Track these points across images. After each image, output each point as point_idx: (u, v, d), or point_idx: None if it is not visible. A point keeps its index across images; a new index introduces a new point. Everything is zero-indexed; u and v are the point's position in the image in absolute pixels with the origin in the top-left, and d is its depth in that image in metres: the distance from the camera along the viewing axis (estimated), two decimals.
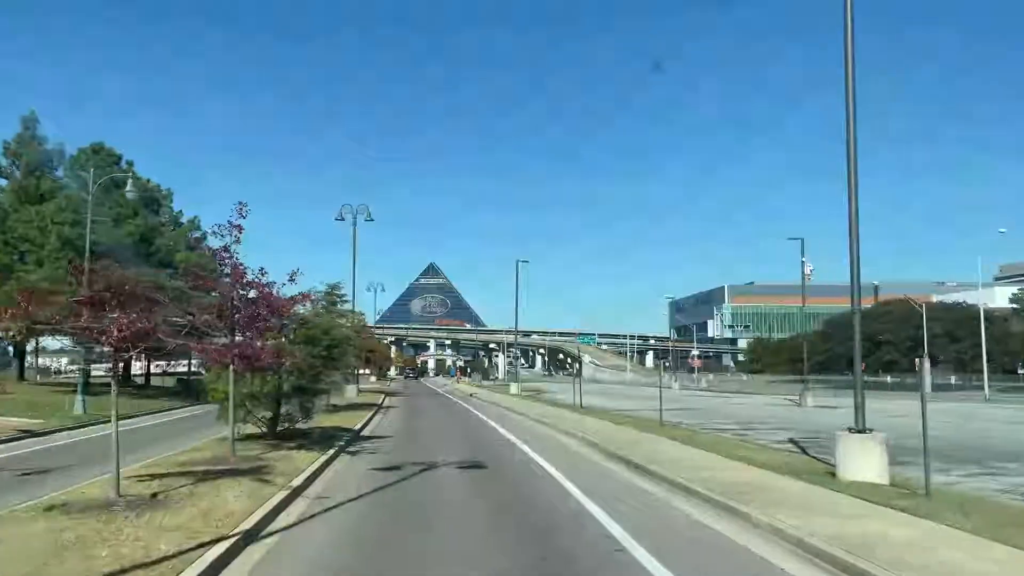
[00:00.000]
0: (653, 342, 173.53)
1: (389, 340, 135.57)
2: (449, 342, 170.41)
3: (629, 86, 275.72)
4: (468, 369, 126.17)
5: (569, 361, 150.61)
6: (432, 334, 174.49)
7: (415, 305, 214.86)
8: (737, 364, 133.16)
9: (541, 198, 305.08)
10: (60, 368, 73.26)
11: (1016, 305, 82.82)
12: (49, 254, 33.17)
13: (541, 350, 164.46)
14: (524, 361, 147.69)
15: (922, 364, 8.98)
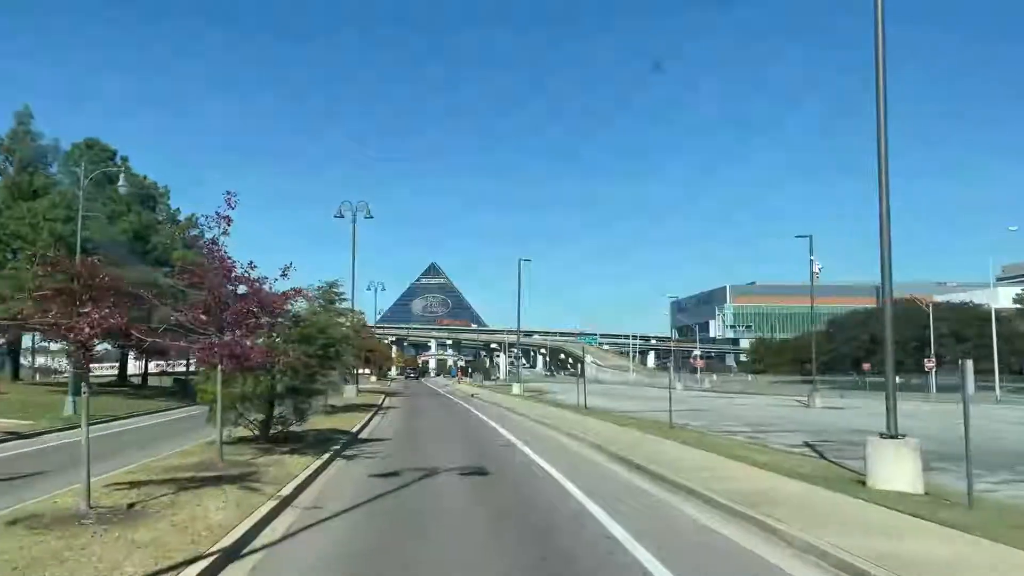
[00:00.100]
0: (654, 342, 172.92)
1: (390, 340, 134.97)
2: (450, 342, 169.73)
3: (629, 86, 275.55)
4: (469, 369, 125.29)
5: (571, 361, 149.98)
6: (433, 334, 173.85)
7: (416, 305, 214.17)
8: (739, 364, 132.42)
9: (541, 198, 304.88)
10: (59, 368, 72.50)
11: (1020, 305, 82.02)
12: (41, 251, 32.45)
13: (542, 350, 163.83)
14: (525, 361, 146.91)
15: (963, 366, 8.25)
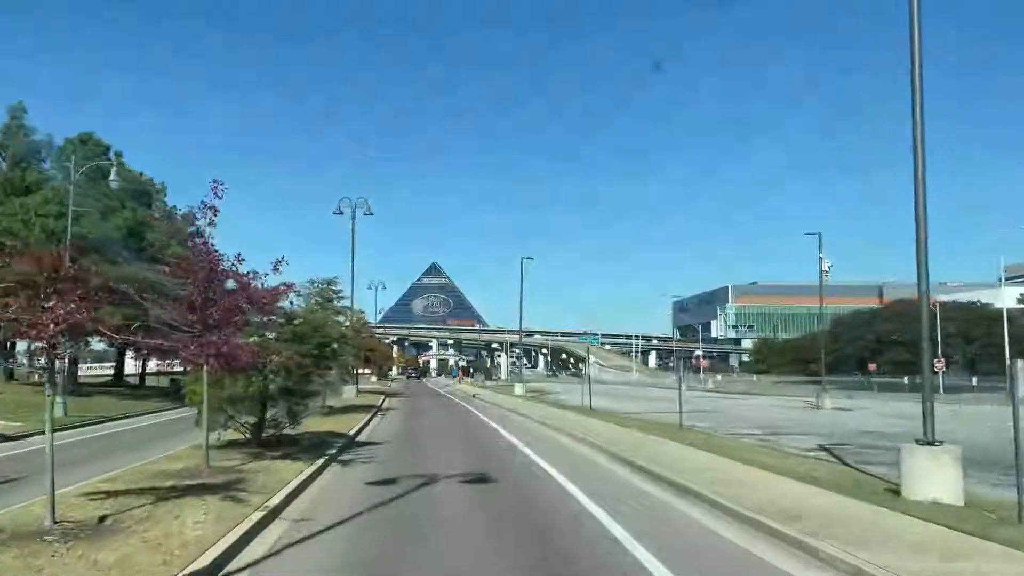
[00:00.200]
0: (656, 342, 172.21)
1: (391, 340, 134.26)
2: (451, 342, 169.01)
3: (629, 86, 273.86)
4: (471, 369, 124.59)
5: (572, 361, 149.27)
6: (434, 334, 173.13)
7: (417, 305, 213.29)
8: (741, 364, 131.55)
9: (541, 198, 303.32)
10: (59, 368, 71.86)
11: None
12: (33, 247, 31.82)
13: (544, 350, 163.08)
14: (527, 361, 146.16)
15: (1012, 366, 7.55)
